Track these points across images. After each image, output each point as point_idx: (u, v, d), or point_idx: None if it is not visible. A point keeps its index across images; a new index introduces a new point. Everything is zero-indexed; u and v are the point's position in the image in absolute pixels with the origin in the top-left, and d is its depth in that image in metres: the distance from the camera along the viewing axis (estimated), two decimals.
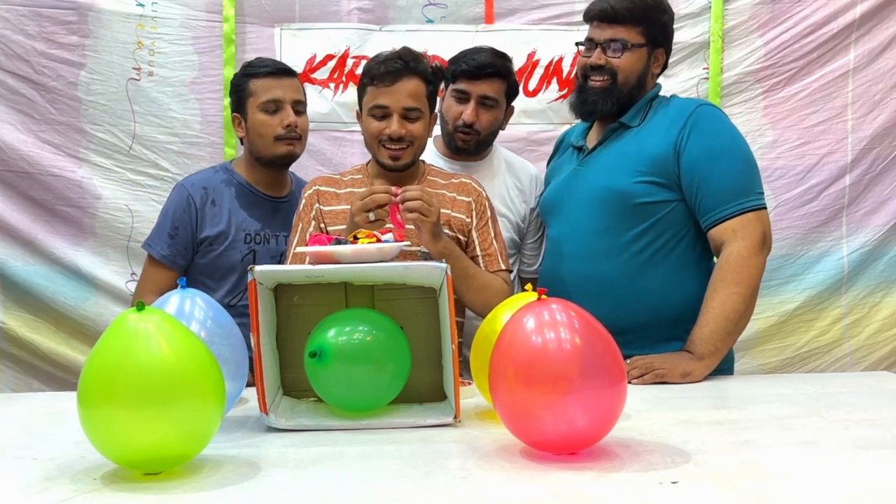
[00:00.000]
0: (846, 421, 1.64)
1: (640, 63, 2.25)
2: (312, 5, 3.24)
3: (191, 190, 2.45)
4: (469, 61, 2.52)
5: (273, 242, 2.45)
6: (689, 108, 2.21)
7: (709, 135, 2.16)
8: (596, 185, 2.23)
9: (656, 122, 2.24)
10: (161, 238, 2.44)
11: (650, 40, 2.25)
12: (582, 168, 2.31)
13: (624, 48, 2.23)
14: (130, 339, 1.27)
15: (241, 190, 2.48)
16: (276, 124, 2.39)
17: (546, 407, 1.31)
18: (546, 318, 1.34)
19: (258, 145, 2.43)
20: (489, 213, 2.22)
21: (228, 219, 2.43)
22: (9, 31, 3.09)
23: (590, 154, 2.31)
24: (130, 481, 1.28)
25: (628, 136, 2.25)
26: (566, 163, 2.41)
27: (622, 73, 2.24)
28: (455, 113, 2.52)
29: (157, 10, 3.17)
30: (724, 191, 2.12)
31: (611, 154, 2.26)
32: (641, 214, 2.16)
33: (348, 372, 1.56)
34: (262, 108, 2.40)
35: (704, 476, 1.28)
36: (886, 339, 3.24)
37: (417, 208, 1.96)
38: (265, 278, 1.62)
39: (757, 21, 3.23)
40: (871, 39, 3.20)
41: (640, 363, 2.01)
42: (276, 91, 2.40)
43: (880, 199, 3.23)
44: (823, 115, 3.22)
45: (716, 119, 2.22)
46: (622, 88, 2.25)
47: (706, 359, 2.02)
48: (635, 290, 2.16)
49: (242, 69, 2.49)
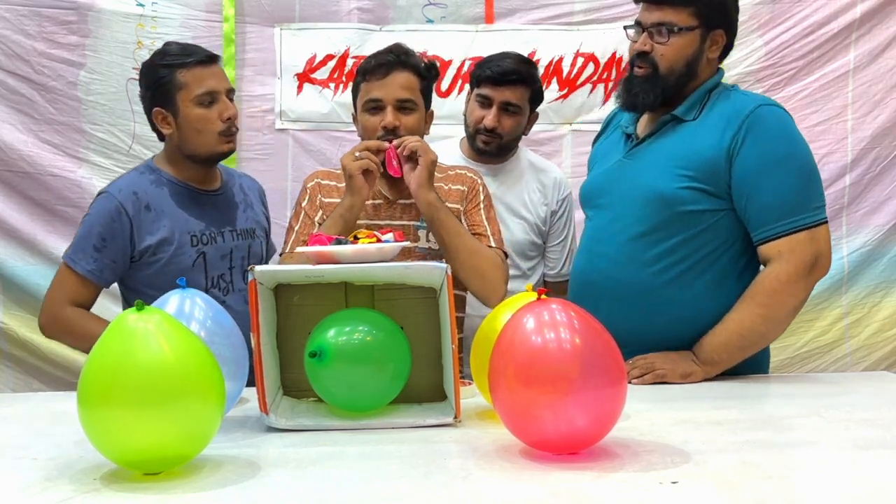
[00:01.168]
0: (846, 421, 1.63)
1: (689, 48, 2.04)
2: (312, 5, 3.24)
3: (120, 198, 2.17)
4: (493, 67, 2.52)
5: (220, 240, 2.25)
6: (747, 108, 2.01)
7: (765, 141, 1.97)
8: (641, 184, 2.06)
9: (712, 120, 2.04)
10: (85, 251, 2.15)
11: (704, 21, 2.04)
12: (629, 160, 2.13)
13: (670, 32, 2.02)
14: (130, 339, 1.27)
15: (174, 189, 2.23)
16: (216, 118, 2.17)
17: (546, 407, 1.31)
18: (546, 318, 1.34)
19: (195, 142, 2.19)
20: (482, 198, 2.19)
21: (169, 223, 2.19)
22: (9, 31, 3.10)
23: (638, 145, 2.13)
24: (130, 481, 1.28)
25: (681, 132, 2.07)
26: (613, 148, 2.22)
27: (664, 62, 2.04)
28: (477, 117, 2.54)
29: (157, 10, 3.17)
30: (775, 206, 1.95)
31: (660, 150, 2.07)
32: (686, 223, 2.01)
33: (348, 372, 1.56)
34: (197, 101, 2.15)
35: (704, 476, 1.28)
36: (886, 339, 3.24)
37: (417, 147, 2.00)
38: (265, 278, 1.62)
39: (757, 21, 3.23)
40: (871, 39, 3.21)
41: (641, 363, 1.97)
42: (210, 81, 2.17)
43: (880, 199, 3.23)
44: (823, 115, 3.23)
45: (775, 123, 2.01)
46: (667, 78, 2.06)
47: (708, 365, 1.97)
48: (671, 300, 2.03)
49: (161, 58, 2.19)
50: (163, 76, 2.16)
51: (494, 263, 2.06)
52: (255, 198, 2.41)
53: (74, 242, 2.18)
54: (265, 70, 3.26)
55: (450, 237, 2.02)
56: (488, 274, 2.02)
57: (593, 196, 2.20)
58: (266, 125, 3.26)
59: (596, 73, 3.27)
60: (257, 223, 2.36)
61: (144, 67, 2.23)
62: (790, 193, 1.96)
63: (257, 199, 2.42)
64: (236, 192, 2.33)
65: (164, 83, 2.16)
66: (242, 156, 3.23)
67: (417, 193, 2.02)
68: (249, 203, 2.36)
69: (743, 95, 2.09)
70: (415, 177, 2.01)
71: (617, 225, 2.09)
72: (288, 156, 3.25)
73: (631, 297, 2.04)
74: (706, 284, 2.02)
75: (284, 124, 3.26)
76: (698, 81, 2.08)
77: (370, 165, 2.01)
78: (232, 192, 2.32)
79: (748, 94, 2.14)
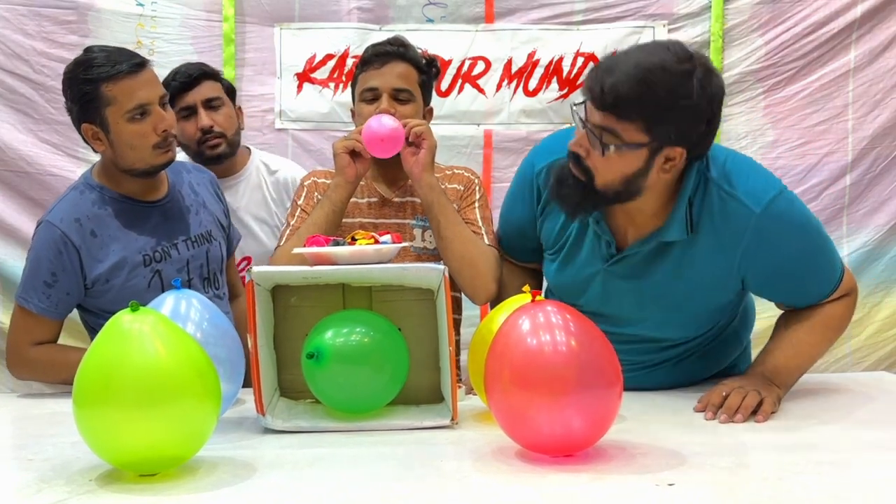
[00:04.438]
0: (845, 421, 1.63)
1: (629, 167, 1.63)
2: (312, 5, 3.23)
3: (62, 227, 1.98)
4: (177, 76, 2.58)
5: (174, 253, 2.07)
6: (749, 222, 1.69)
7: (780, 245, 1.72)
8: (640, 319, 1.84)
9: (711, 236, 1.72)
10: (37, 289, 1.99)
11: (654, 139, 1.60)
12: (612, 272, 1.81)
13: (605, 147, 1.61)
14: (125, 340, 1.27)
15: (118, 207, 2.04)
16: (150, 132, 1.96)
17: (542, 409, 1.31)
18: (541, 320, 1.34)
19: (130, 158, 1.99)
20: (477, 196, 2.16)
21: (118, 247, 2.01)
22: (8, 31, 3.09)
23: (623, 259, 1.79)
24: (126, 482, 1.28)
25: (677, 252, 1.75)
26: (584, 240, 1.84)
27: (599, 177, 1.66)
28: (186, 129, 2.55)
29: (156, 9, 3.17)
30: (814, 286, 1.80)
31: (657, 274, 1.77)
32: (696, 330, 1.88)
33: (345, 373, 1.56)
34: (128, 117, 1.95)
35: (700, 478, 1.28)
36: (886, 339, 3.23)
37: (423, 131, 1.99)
38: (263, 279, 1.62)
39: (757, 21, 3.22)
40: (871, 39, 3.19)
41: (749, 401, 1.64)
42: (140, 93, 1.95)
43: (880, 199, 3.22)
44: (824, 114, 3.22)
45: (785, 222, 1.72)
46: (604, 194, 1.68)
47: (782, 389, 1.75)
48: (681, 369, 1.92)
49: (84, 70, 1.97)
50: (87, 91, 1.95)
51: (488, 258, 2.02)
52: (208, 193, 2.23)
53: (24, 280, 2.03)
54: (265, 70, 3.25)
55: (447, 223, 2.00)
56: (480, 267, 2.00)
57: (575, 298, 1.82)
58: (266, 125, 3.24)
59: None
60: (213, 222, 2.19)
61: (66, 78, 2.02)
62: (825, 270, 1.80)
63: (210, 194, 2.24)
64: (186, 195, 2.15)
65: (90, 98, 1.96)
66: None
67: (420, 176, 2.00)
68: (202, 203, 2.18)
69: (732, 199, 1.70)
70: (418, 160, 1.99)
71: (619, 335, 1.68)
72: (288, 155, 3.22)
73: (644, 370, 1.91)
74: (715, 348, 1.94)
75: (284, 124, 3.25)
76: (654, 194, 1.70)
77: (356, 146, 2.00)
78: (181, 197, 2.13)
79: (737, 186, 1.71)
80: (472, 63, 3.27)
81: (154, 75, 2.03)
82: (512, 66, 3.25)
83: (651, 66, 1.57)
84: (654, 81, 1.56)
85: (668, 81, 1.56)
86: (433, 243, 2.12)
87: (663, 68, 1.57)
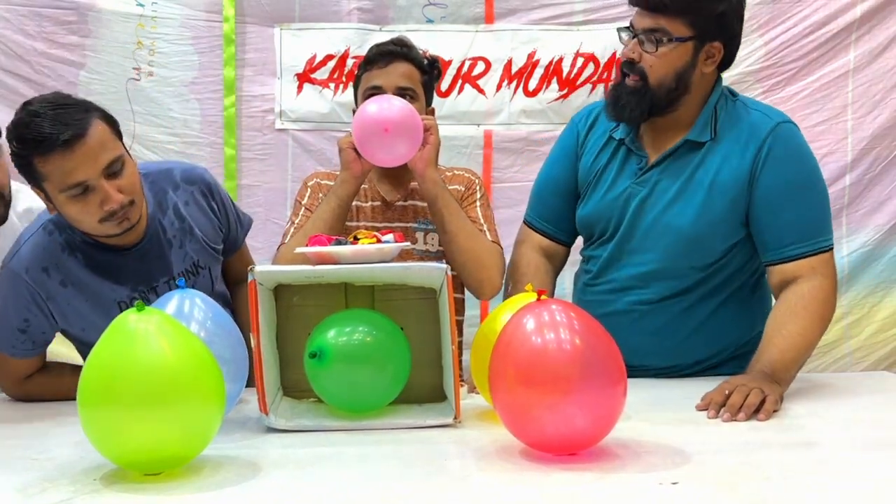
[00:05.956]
0: (846, 421, 1.64)
1: (680, 61, 1.90)
2: (312, 5, 3.23)
3: (27, 277, 1.81)
4: None
5: (153, 297, 1.81)
6: (765, 128, 1.91)
7: (788, 163, 1.90)
8: (663, 223, 1.96)
9: (729, 140, 1.94)
10: (9, 336, 1.85)
11: (699, 33, 1.89)
12: (640, 187, 1.98)
13: (659, 42, 1.88)
14: (130, 339, 1.27)
15: (88, 254, 1.85)
16: (95, 209, 1.72)
17: (546, 407, 1.31)
18: (546, 318, 1.34)
19: (83, 227, 1.80)
20: (479, 195, 2.16)
21: (90, 300, 1.86)
22: (9, 31, 3.09)
23: (650, 171, 1.98)
24: (130, 482, 1.28)
25: (697, 156, 1.95)
26: (611, 164, 2.04)
27: (653, 74, 1.90)
28: None
29: (156, 10, 3.17)
30: (801, 227, 1.90)
31: (679, 181, 1.95)
32: (706, 258, 1.96)
33: (348, 372, 1.56)
34: (68, 195, 1.71)
35: (704, 477, 1.28)
36: (886, 339, 3.23)
37: (431, 126, 1.99)
38: (265, 279, 1.62)
39: (757, 21, 3.22)
40: (871, 39, 3.20)
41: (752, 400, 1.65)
42: (77, 172, 1.68)
43: (880, 199, 3.23)
44: (823, 115, 3.22)
45: (795, 144, 1.94)
46: (657, 91, 1.91)
47: (783, 385, 1.78)
48: (687, 332, 1.99)
49: (15, 134, 1.71)
50: (21, 159, 1.72)
51: (492, 253, 2.03)
52: (198, 210, 1.98)
53: None
54: (265, 70, 3.25)
55: (451, 218, 2.00)
56: (486, 261, 2.00)
57: (601, 226, 2.05)
58: (266, 125, 3.25)
59: (596, 73, 3.26)
60: (201, 249, 1.97)
61: (5, 135, 1.78)
62: (815, 215, 1.92)
63: (200, 209, 1.99)
64: (168, 227, 1.92)
65: (24, 168, 1.73)
66: (242, 156, 3.23)
67: (424, 172, 2.00)
68: (188, 229, 1.94)
69: (754, 109, 1.98)
70: (422, 156, 1.98)
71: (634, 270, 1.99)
72: (288, 156, 3.24)
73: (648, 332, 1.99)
74: (716, 308, 1.99)
75: (284, 124, 3.26)
76: (696, 95, 1.95)
77: None
78: (161, 232, 1.90)
79: (757, 105, 2.03)
80: (472, 63, 3.27)
81: (99, 140, 1.71)
82: (512, 67, 3.26)
83: None
84: None
85: None
86: (435, 246, 2.13)
87: None
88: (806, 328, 1.85)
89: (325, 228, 1.93)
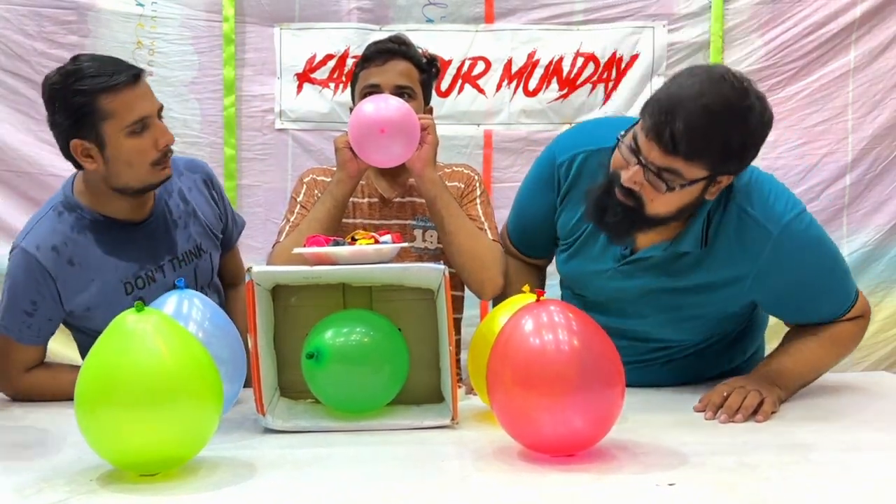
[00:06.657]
0: (845, 421, 1.63)
1: (687, 197, 1.65)
2: (312, 5, 3.23)
3: (38, 255, 1.85)
4: None
5: (160, 276, 1.93)
6: (765, 244, 1.71)
7: (792, 267, 1.73)
8: (652, 306, 1.83)
9: (725, 251, 1.74)
10: (17, 318, 1.87)
11: (715, 171, 1.62)
12: (623, 276, 1.83)
13: (668, 185, 1.61)
14: (128, 340, 1.27)
15: (99, 231, 1.89)
16: (150, 147, 1.83)
17: (544, 409, 1.31)
18: (544, 319, 1.34)
19: (126, 176, 1.85)
20: (478, 193, 2.15)
21: (98, 278, 1.89)
22: (9, 31, 3.09)
23: (634, 263, 1.81)
24: (127, 482, 1.28)
25: (687, 262, 1.77)
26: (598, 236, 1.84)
27: (653, 208, 1.66)
28: None
29: (156, 9, 3.17)
30: (820, 312, 1.81)
31: (664, 278, 1.79)
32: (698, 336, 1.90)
33: (345, 373, 1.56)
34: (128, 131, 1.80)
35: (702, 478, 1.28)
36: (886, 339, 3.23)
37: (428, 125, 1.97)
38: (263, 279, 1.62)
39: (757, 21, 3.22)
40: (871, 39, 3.20)
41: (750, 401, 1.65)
42: (141, 106, 1.82)
43: (880, 199, 3.23)
44: (823, 115, 3.22)
45: (799, 242, 1.72)
46: (651, 220, 1.69)
47: (784, 391, 1.74)
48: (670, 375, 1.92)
49: (76, 80, 1.78)
50: (82, 104, 1.78)
51: (493, 252, 2.02)
52: (200, 196, 2.07)
53: (3, 309, 1.90)
54: (265, 70, 3.25)
55: (450, 217, 1.99)
56: (487, 260, 1.99)
57: (587, 290, 1.93)
58: (266, 125, 3.25)
59: (596, 73, 3.26)
60: (203, 232, 2.04)
61: (53, 90, 1.82)
62: (835, 295, 1.81)
63: (203, 196, 2.08)
64: (174, 208, 2.00)
65: (84, 112, 1.78)
66: (242, 156, 3.23)
67: (422, 172, 1.98)
68: (191, 212, 2.03)
69: (754, 219, 1.72)
70: (420, 155, 1.97)
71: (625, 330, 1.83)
72: (288, 156, 3.24)
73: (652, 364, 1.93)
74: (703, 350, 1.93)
75: (284, 124, 3.26)
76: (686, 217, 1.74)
77: None
78: (167, 213, 1.98)
79: (756, 209, 1.73)
80: (472, 63, 3.27)
81: (148, 86, 1.88)
82: (512, 67, 3.26)
83: (718, 108, 1.56)
84: (723, 125, 1.56)
85: (736, 124, 1.58)
86: (434, 244, 2.12)
87: (730, 108, 1.57)
88: (826, 356, 1.83)
89: (320, 229, 1.93)
